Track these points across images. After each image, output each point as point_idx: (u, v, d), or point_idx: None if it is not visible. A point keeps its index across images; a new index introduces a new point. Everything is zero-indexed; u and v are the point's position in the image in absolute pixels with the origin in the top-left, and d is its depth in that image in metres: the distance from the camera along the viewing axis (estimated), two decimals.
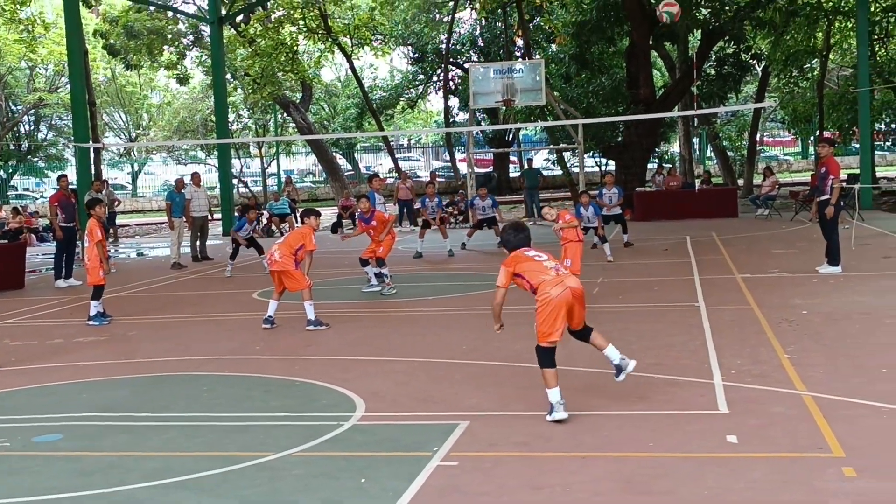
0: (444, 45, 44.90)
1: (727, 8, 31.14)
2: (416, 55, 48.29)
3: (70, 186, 19.97)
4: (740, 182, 38.21)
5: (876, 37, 32.13)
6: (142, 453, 6.72)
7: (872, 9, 30.38)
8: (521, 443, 6.57)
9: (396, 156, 46.75)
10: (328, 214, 34.09)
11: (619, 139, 34.10)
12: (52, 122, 57.87)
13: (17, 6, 37.64)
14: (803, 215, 24.81)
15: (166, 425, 7.44)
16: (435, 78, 49.30)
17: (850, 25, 32.46)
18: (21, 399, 8.76)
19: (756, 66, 36.84)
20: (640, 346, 9.55)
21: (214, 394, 8.54)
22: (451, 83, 45.95)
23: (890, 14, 31.87)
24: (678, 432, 6.63)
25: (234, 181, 39.33)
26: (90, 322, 12.82)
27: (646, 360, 8.83)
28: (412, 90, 52.10)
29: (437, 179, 34.12)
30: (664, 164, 36.98)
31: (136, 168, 61.36)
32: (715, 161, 46.35)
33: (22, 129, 56.90)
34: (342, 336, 11.18)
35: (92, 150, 28.14)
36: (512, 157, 50.66)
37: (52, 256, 19.57)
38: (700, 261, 16.82)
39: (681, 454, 6.16)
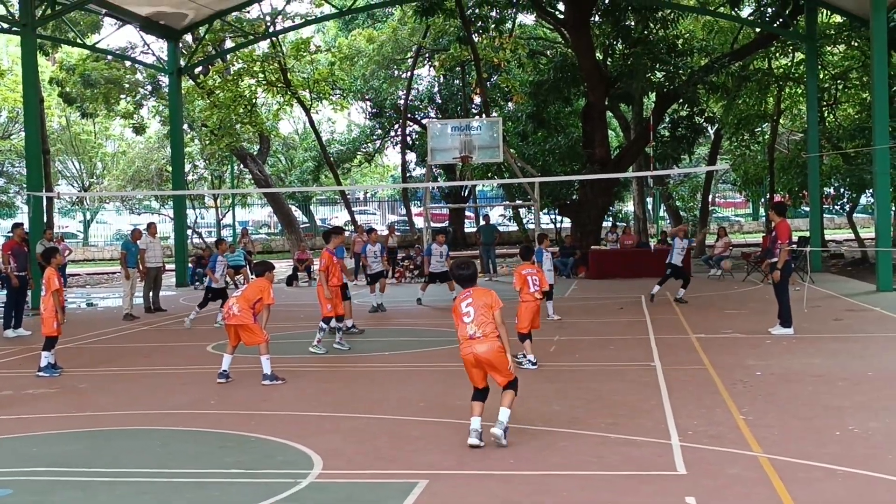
0: (402, 101, 45.33)
1: (681, 72, 31.78)
2: (375, 110, 48.67)
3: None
4: (693, 242, 38.68)
5: (825, 103, 32.90)
6: None
7: (822, 76, 31.15)
8: (481, 503, 6.53)
9: (353, 209, 46.79)
10: (284, 267, 33.96)
11: (575, 197, 34.49)
12: (4, 169, 57.19)
13: None
14: (755, 276, 25.18)
15: (117, 481, 7.30)
16: (392, 133, 49.68)
17: (800, 91, 33.22)
18: None
19: (709, 128, 37.51)
20: (597, 406, 9.58)
21: (168, 449, 8.41)
22: (408, 138, 46.30)
23: (838, 81, 32.69)
24: (637, 493, 6.64)
25: (189, 232, 39.02)
26: (41, 373, 12.59)
27: (603, 420, 8.87)
28: (369, 144, 52.38)
29: (395, 233, 34.10)
30: (618, 223, 37.41)
31: (88, 216, 60.76)
32: (668, 220, 46.96)
33: None
34: (298, 391, 11.08)
35: (45, 198, 27.85)
36: (468, 213, 50.98)
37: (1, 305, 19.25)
38: (655, 320, 16.96)
39: None
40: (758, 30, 32.31)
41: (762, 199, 50.86)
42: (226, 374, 11.67)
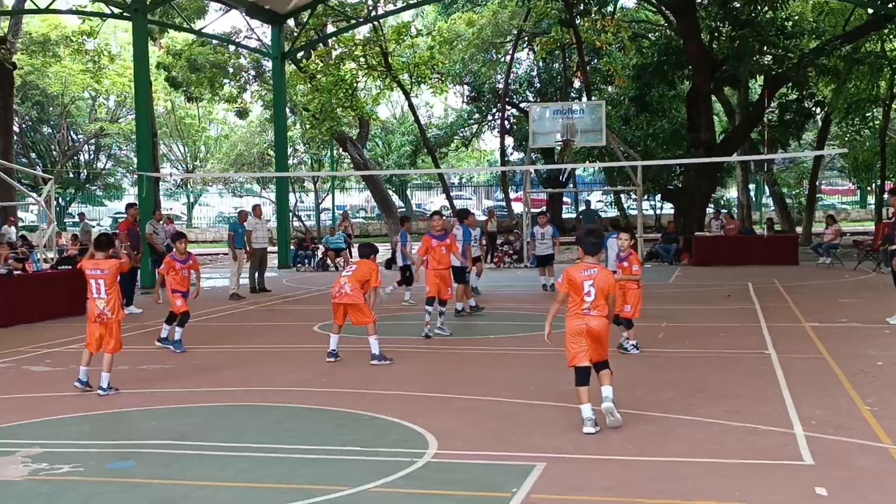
0: (500, 85, 45.10)
1: (790, 55, 30.91)
2: (473, 94, 48.50)
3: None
4: (798, 229, 37.71)
5: None
6: (215, 483, 6.67)
7: None
8: (606, 487, 6.40)
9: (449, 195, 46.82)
10: (383, 250, 34.16)
11: (677, 183, 33.91)
12: (112, 152, 58.86)
13: (84, 37, 38.51)
14: (866, 265, 24.39)
15: (238, 455, 7.38)
16: (490, 117, 49.48)
17: None
18: (90, 424, 8.78)
19: (818, 112, 36.43)
20: (713, 394, 9.35)
21: (284, 425, 8.48)
22: (506, 122, 46.07)
23: None
24: (766, 483, 6.43)
25: (290, 214, 39.55)
26: (168, 346, 13.00)
27: (721, 408, 8.66)
28: (466, 129, 52.29)
29: (494, 218, 33.92)
30: (721, 210, 36.64)
31: (192, 199, 62.13)
32: (771, 207, 45.86)
33: (82, 157, 57.94)
34: (406, 372, 11.10)
35: (153, 180, 28.53)
36: (565, 199, 50.53)
37: None
38: (765, 307, 16.52)
39: None
40: (871, 11, 31.19)
41: (869, 186, 49.43)
42: (335, 353, 11.76)
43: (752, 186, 45.88)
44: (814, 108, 34.85)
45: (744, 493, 6.20)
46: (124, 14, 26.78)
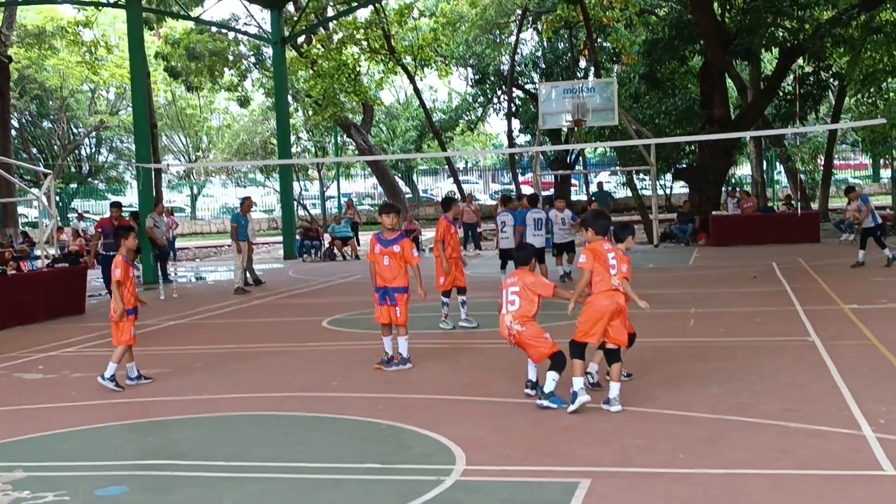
0: (505, 67, 44.17)
1: (806, 25, 29.97)
2: (477, 77, 47.58)
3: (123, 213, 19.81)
4: (814, 206, 36.80)
5: None
6: None
7: None
8: None
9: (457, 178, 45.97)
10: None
11: (688, 161, 33.03)
12: (113, 145, 58.12)
13: (80, 28, 37.65)
14: (892, 241, 23.52)
15: (243, 477, 6.59)
16: (495, 100, 48.56)
17: None
18: (81, 441, 7.97)
19: (835, 85, 35.45)
20: (764, 388, 8.54)
21: (296, 438, 7.67)
22: (512, 104, 45.15)
23: None
24: (847, 499, 5.63)
25: (294, 204, 38.78)
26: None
27: (775, 406, 7.85)
28: (471, 112, 51.38)
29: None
30: (734, 188, 35.76)
31: (195, 191, 61.38)
32: (783, 184, 44.93)
33: (83, 151, 57.20)
34: (423, 371, 10.28)
35: (153, 172, 27.76)
36: (573, 180, 49.62)
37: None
38: (796, 289, 15.67)
39: None
40: None
41: (883, 160, 48.37)
42: (399, 358, 10.50)
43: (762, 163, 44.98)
44: (832, 80, 33.89)
45: None
46: (119, 3, 25.94)
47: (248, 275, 20.78)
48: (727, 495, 5.77)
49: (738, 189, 33.65)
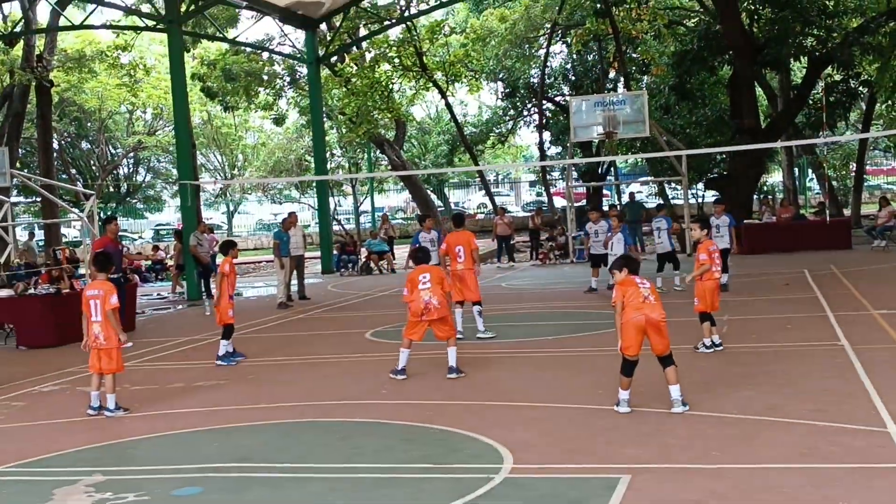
0: (535, 80, 44.60)
1: (834, 34, 30.22)
2: (507, 90, 48.07)
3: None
4: (846, 212, 36.94)
5: None
6: None
7: None
8: (695, 501, 6.06)
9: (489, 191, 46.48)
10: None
11: (720, 170, 33.28)
12: (151, 165, 59.13)
13: (119, 52, 38.55)
14: None
15: (307, 477, 7.12)
16: (525, 112, 49.00)
17: None
18: (152, 447, 8.55)
19: (864, 92, 35.59)
20: (793, 391, 8.96)
21: (351, 442, 8.19)
22: (543, 117, 45.55)
23: None
24: (871, 490, 6.05)
25: (331, 220, 39.41)
26: (219, 362, 12.75)
27: (804, 407, 8.26)
28: (502, 125, 51.87)
29: (541, 215, 33.52)
30: (767, 195, 35.97)
31: (231, 207, 62.26)
32: (815, 191, 45.02)
33: (121, 171, 58.24)
34: (467, 380, 10.75)
35: (193, 189, 28.44)
36: (605, 191, 49.89)
37: (153, 297, 21.11)
38: (828, 295, 16.01)
39: None
40: None
41: None
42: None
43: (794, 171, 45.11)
44: (860, 88, 34.07)
45: (850, 502, 5.82)
46: (158, 26, 26.71)
47: (291, 289, 21.31)
48: (760, 488, 6.21)
49: (768, 197, 33.83)
